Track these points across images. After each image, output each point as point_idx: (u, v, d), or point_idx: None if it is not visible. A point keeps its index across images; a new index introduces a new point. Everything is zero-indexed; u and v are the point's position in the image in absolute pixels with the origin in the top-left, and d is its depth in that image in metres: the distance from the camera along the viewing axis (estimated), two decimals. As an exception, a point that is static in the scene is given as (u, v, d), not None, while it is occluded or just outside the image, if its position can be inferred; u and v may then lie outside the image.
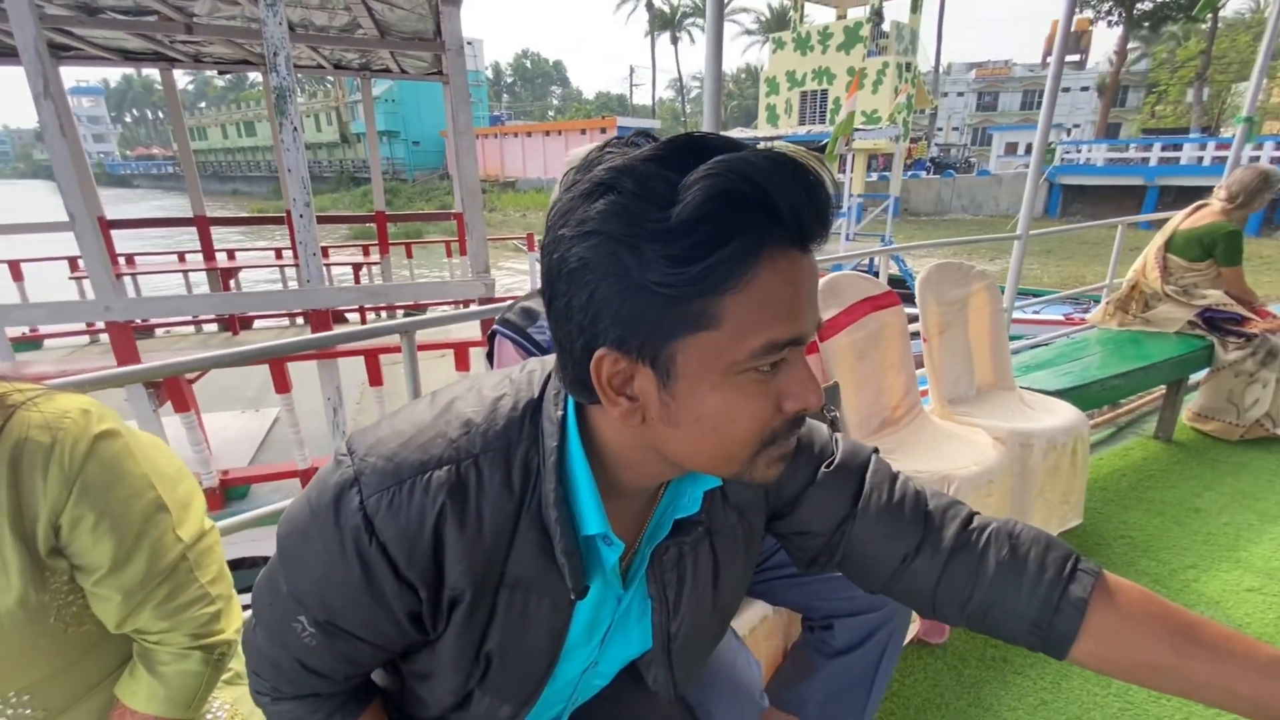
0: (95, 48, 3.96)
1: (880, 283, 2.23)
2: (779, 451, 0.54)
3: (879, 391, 2.15)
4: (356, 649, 0.61)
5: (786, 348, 0.49)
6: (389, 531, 0.54)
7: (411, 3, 2.84)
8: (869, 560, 0.72)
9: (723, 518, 0.70)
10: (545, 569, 0.59)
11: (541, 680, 0.66)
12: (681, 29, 46.29)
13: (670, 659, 0.73)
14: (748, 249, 0.45)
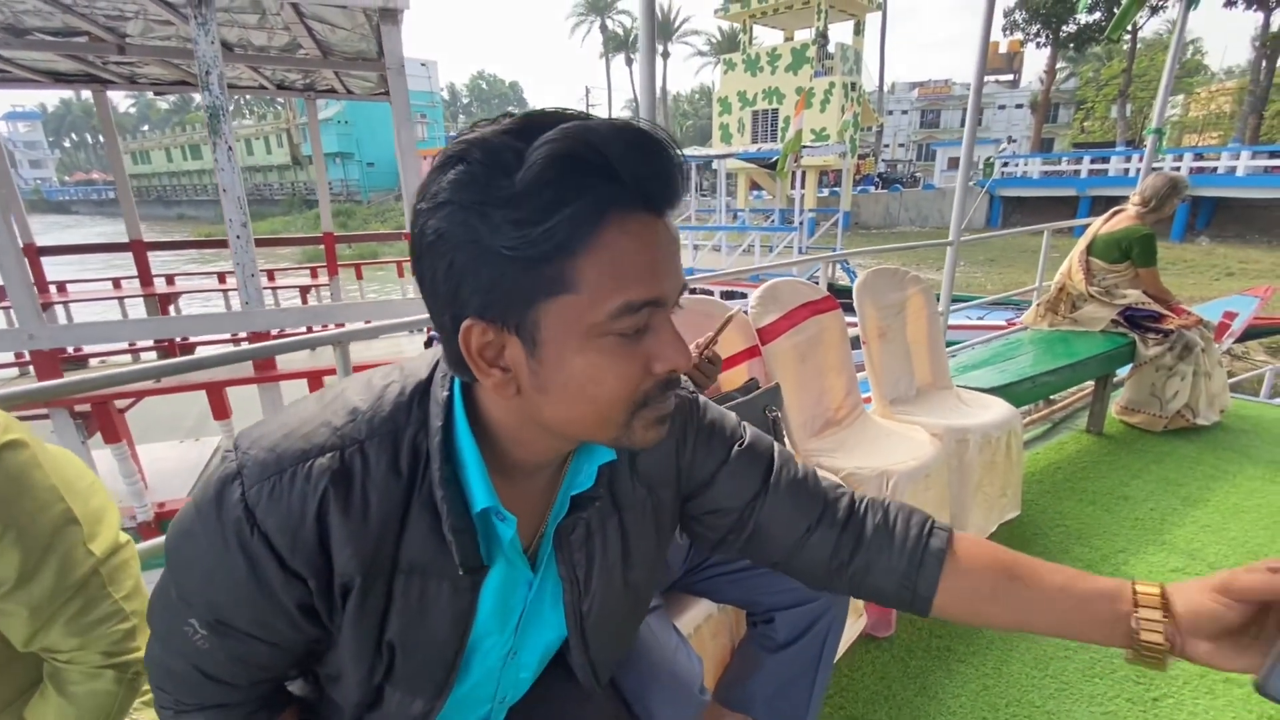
0: (24, 70, 3.81)
1: (819, 288, 2.30)
2: (655, 414, 0.56)
3: (821, 393, 2.21)
4: (251, 649, 0.59)
5: (645, 309, 0.51)
6: (270, 521, 0.53)
7: (352, 23, 2.84)
8: (774, 535, 0.76)
9: (630, 492, 0.72)
10: (440, 552, 0.59)
11: (450, 669, 0.65)
12: (635, 50, 47.25)
13: (585, 640, 0.73)
14: (590, 211, 0.47)
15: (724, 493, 0.76)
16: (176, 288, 5.35)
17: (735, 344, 2.00)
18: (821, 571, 0.76)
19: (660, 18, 44.84)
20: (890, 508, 0.77)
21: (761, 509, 0.76)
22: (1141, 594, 0.60)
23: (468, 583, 0.62)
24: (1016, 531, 2.41)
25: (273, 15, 2.61)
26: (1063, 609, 0.64)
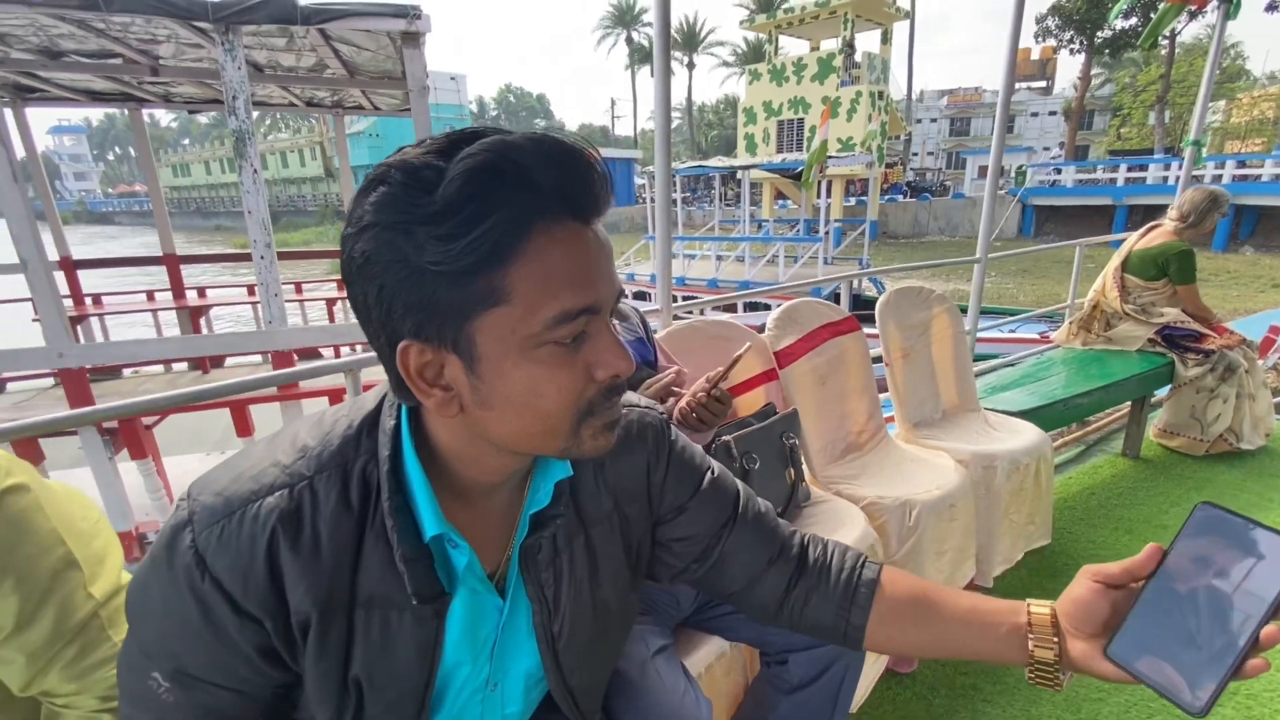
0: (62, 89, 3.96)
1: (839, 308, 2.25)
2: (602, 421, 0.56)
3: (842, 416, 2.16)
4: (216, 699, 0.58)
5: (581, 316, 0.51)
6: (220, 564, 0.53)
7: (377, 45, 2.89)
8: (736, 566, 0.77)
9: (597, 507, 0.71)
10: (399, 584, 0.57)
11: (421, 704, 0.63)
12: (660, 62, 47.51)
13: (559, 663, 0.71)
14: (512, 221, 0.47)
15: (696, 520, 0.77)
16: (208, 300, 5.48)
17: (751, 367, 1.96)
18: (774, 606, 0.78)
19: (685, 29, 45.05)
20: (828, 544, 0.80)
21: (728, 539, 0.77)
22: (1034, 614, 0.63)
23: (429, 612, 0.60)
24: (1046, 560, 2.32)
25: (300, 39, 2.67)
26: (973, 632, 0.67)
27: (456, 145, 0.47)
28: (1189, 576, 0.56)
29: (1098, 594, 0.59)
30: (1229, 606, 0.53)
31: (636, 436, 0.74)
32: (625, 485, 0.73)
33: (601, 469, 0.71)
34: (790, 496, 1.76)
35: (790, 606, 0.77)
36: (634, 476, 0.74)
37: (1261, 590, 0.53)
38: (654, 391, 1.17)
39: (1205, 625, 0.54)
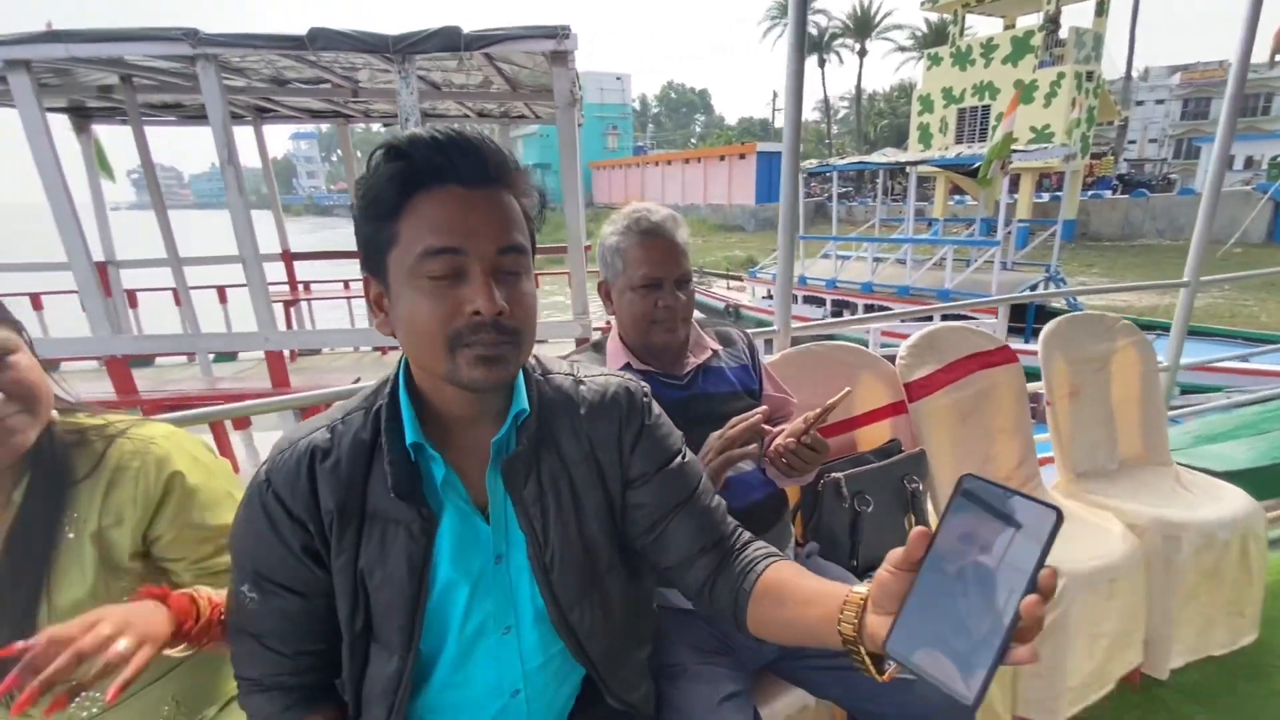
0: (289, 109, 4.72)
1: (992, 336, 2.00)
2: (474, 353, 0.68)
3: (986, 459, 1.92)
4: (286, 602, 0.75)
5: (445, 254, 0.66)
6: (278, 479, 0.73)
7: (533, 63, 3.08)
8: (675, 546, 0.86)
9: (575, 448, 0.83)
10: (399, 506, 0.73)
11: (412, 616, 0.75)
12: (829, 50, 45.24)
13: (554, 594, 0.81)
14: (399, 184, 0.66)
15: (652, 494, 0.86)
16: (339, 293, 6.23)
17: (878, 396, 1.81)
18: (696, 588, 0.85)
19: (858, 14, 42.53)
20: (758, 542, 0.88)
21: (674, 519, 0.86)
22: (852, 595, 0.64)
23: (420, 528, 0.74)
24: (1247, 657, 1.89)
25: (467, 61, 2.92)
26: (812, 611, 0.69)
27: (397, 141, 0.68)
28: (956, 556, 0.53)
29: (896, 578, 0.57)
30: (994, 584, 0.51)
31: (611, 398, 0.86)
32: (599, 436, 0.84)
33: (578, 418, 0.84)
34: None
35: (710, 590, 0.84)
36: (606, 431, 0.85)
37: (1021, 563, 0.50)
38: (736, 433, 1.11)
39: (974, 607, 0.51)
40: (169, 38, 2.42)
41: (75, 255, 2.66)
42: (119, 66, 3.33)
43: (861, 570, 1.53)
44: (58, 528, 0.84)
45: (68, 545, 0.84)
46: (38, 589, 0.82)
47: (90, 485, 0.86)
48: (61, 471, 0.85)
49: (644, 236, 1.23)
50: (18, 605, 0.81)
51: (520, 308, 0.70)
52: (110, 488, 0.86)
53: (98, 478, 0.86)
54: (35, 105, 2.47)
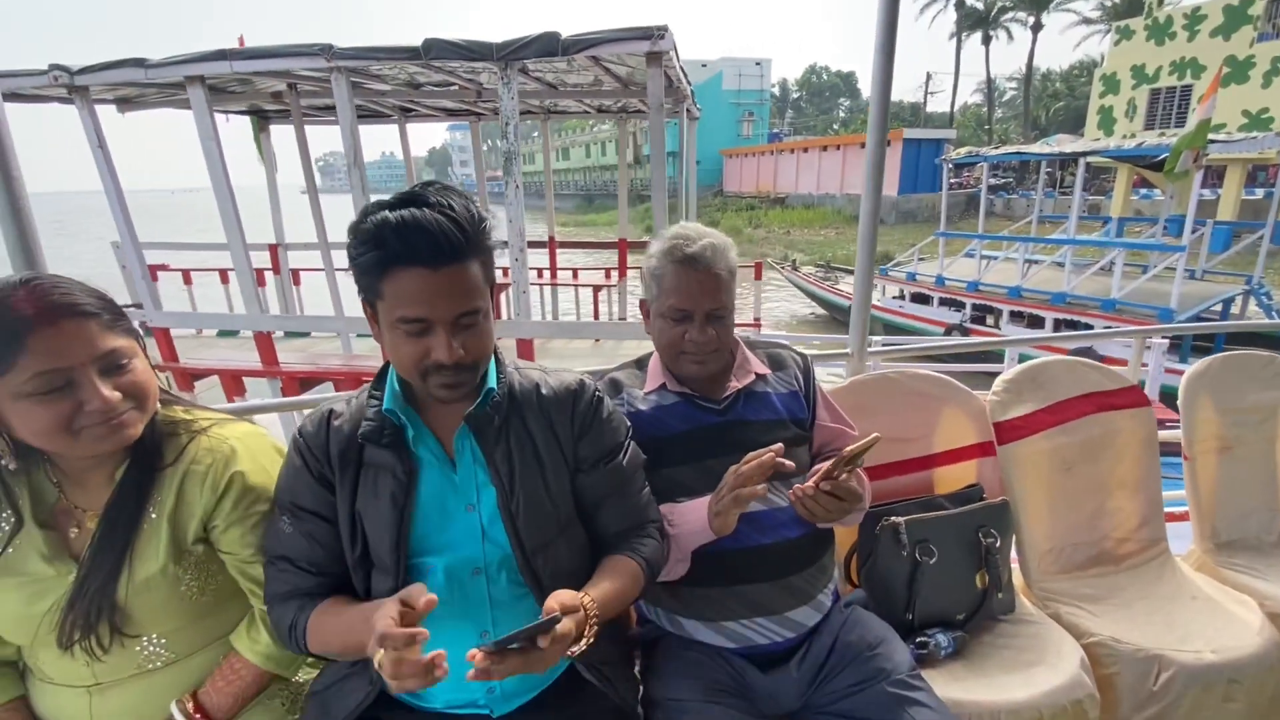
0: (427, 109, 5.12)
1: (1116, 374, 1.73)
2: (439, 383, 0.92)
3: (1095, 515, 1.67)
4: (314, 526, 0.97)
5: (415, 323, 0.88)
6: (306, 430, 1.00)
7: (637, 61, 3.08)
8: (601, 524, 1.09)
9: (537, 418, 1.03)
10: (385, 456, 0.95)
11: (396, 543, 0.94)
12: (997, 26, 40.91)
13: (520, 539, 0.97)
14: (375, 266, 0.87)
15: (589, 483, 1.07)
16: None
17: (962, 433, 1.63)
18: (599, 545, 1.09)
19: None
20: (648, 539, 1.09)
21: (606, 504, 1.08)
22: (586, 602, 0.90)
23: (403, 471, 0.95)
24: None
25: (574, 62, 2.98)
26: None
27: (381, 207, 0.88)
28: None
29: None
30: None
31: (568, 391, 1.07)
32: (557, 417, 1.04)
33: (542, 399, 1.04)
34: (980, 605, 1.44)
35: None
36: (562, 414, 1.05)
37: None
38: (747, 470, 1.04)
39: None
40: (310, 53, 2.73)
41: (233, 241, 3.09)
42: (286, 77, 3.78)
43: (918, 626, 1.40)
44: (144, 507, 0.96)
45: (150, 523, 0.97)
46: (122, 558, 0.94)
47: (172, 473, 0.98)
48: (154, 458, 0.98)
49: (679, 265, 1.19)
50: (104, 570, 0.93)
51: (476, 346, 0.93)
52: (186, 478, 0.98)
53: (178, 467, 0.98)
54: (207, 112, 2.89)
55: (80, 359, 0.85)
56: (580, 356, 4.94)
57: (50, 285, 0.86)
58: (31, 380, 0.82)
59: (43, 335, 0.82)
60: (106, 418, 0.87)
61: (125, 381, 0.90)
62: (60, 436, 0.86)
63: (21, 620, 0.93)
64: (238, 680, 1.03)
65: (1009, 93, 60.17)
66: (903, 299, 12.34)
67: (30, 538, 0.93)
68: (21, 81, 3.03)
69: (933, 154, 25.94)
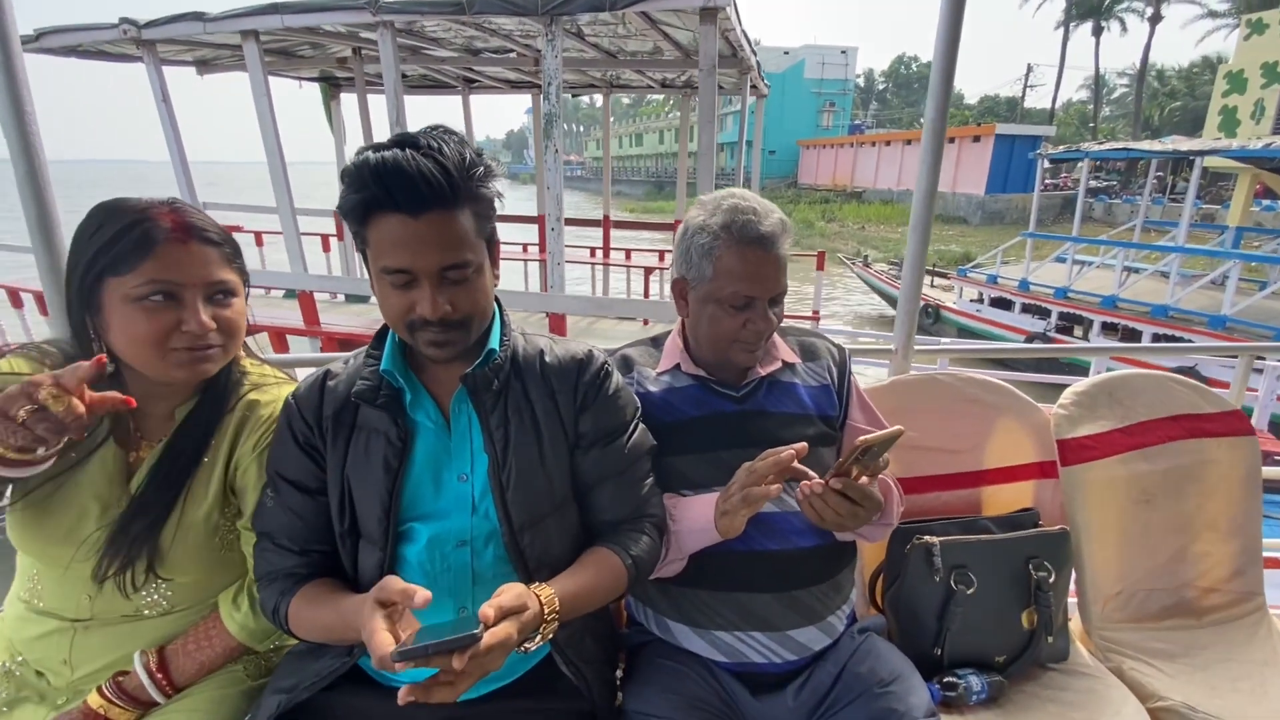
0: (490, 79, 5.07)
1: (1216, 395, 1.46)
2: (426, 338, 0.86)
3: (1176, 558, 1.42)
4: (295, 500, 0.92)
5: (398, 274, 0.83)
6: (299, 392, 0.96)
7: (694, 24, 2.88)
8: (597, 507, 1.01)
9: (538, 387, 0.97)
10: (380, 418, 0.91)
11: (387, 508, 0.89)
12: (1110, 16, 37.70)
13: (508, 513, 0.91)
14: (356, 209, 0.82)
15: (588, 462, 0.99)
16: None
17: (1019, 449, 1.42)
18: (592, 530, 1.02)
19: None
20: (643, 536, 0.99)
21: (598, 488, 1.00)
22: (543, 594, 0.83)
23: (396, 435, 0.90)
24: None
25: (629, 24, 2.82)
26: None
27: (370, 149, 0.82)
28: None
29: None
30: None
31: (574, 361, 1.00)
32: (560, 385, 0.98)
33: (545, 366, 0.98)
34: (1025, 648, 1.23)
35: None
36: (565, 384, 0.98)
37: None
38: (762, 468, 0.91)
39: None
40: (355, 6, 2.68)
41: (281, 202, 3.13)
42: (350, 40, 3.80)
43: (947, 663, 1.21)
44: (203, 449, 0.97)
45: (203, 466, 0.97)
46: (175, 498, 0.94)
47: (229, 420, 1.00)
48: (222, 402, 1.00)
49: (747, 247, 1.02)
50: (156, 508, 0.93)
51: (466, 302, 0.86)
52: (240, 426, 1.00)
53: (234, 414, 1.00)
54: (260, 70, 2.92)
55: (193, 279, 0.90)
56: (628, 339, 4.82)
57: (189, 209, 0.94)
58: (146, 285, 0.87)
59: (171, 247, 0.88)
60: (196, 341, 0.91)
61: (223, 315, 0.94)
62: (151, 350, 0.89)
63: (70, 535, 0.92)
64: (209, 647, 0.99)
65: (1119, 90, 55.65)
66: (981, 303, 11.58)
67: (102, 452, 0.94)
68: (90, 35, 3.15)
69: (1027, 152, 24.21)
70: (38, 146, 1.15)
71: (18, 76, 1.10)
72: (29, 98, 1.13)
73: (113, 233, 0.87)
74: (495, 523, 0.92)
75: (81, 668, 0.95)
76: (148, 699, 0.95)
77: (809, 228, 26.93)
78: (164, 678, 0.96)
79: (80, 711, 0.92)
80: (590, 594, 0.89)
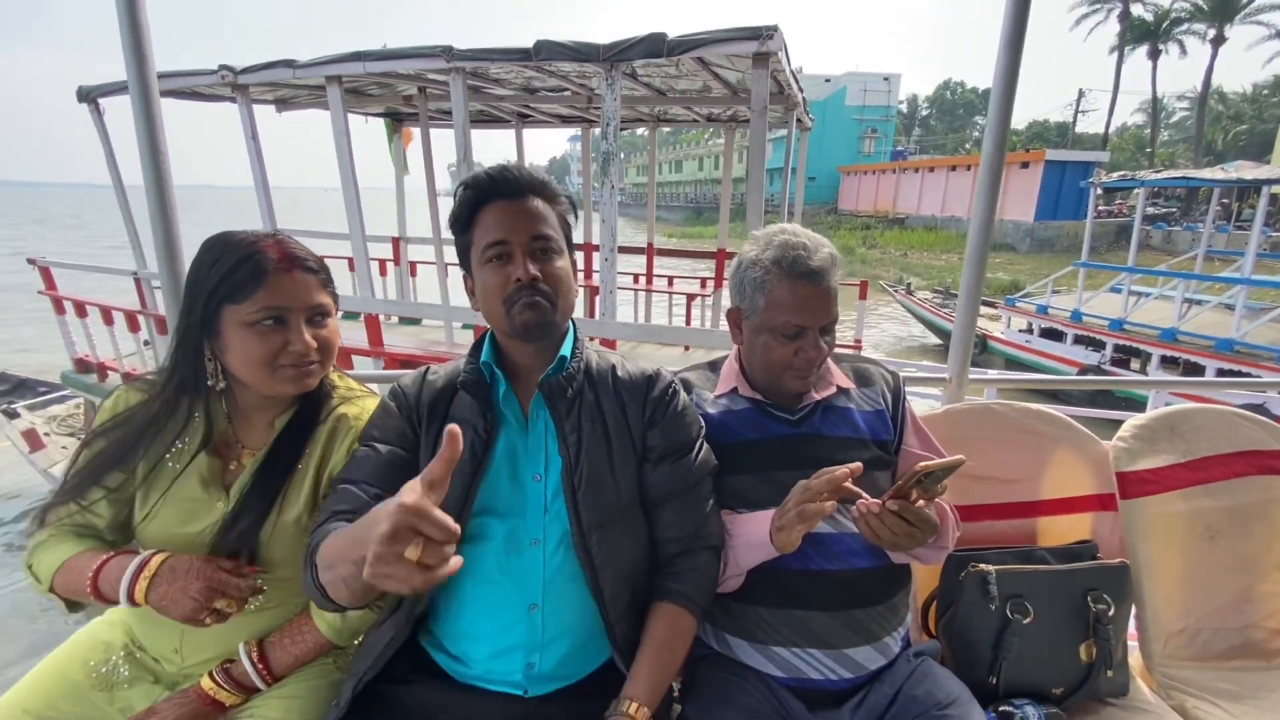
0: (542, 114, 5.32)
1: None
2: (519, 307, 0.98)
3: (1242, 598, 1.40)
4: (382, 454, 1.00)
5: (498, 245, 0.98)
6: (404, 381, 1.08)
7: (747, 66, 3.00)
8: (660, 525, 1.07)
9: (609, 397, 1.06)
10: (472, 411, 1.01)
11: (466, 494, 0.97)
12: (1169, 39, 36.68)
13: (579, 515, 0.98)
14: (468, 208, 1.01)
15: (655, 478, 1.06)
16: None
17: (1077, 481, 1.43)
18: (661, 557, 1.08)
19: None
20: (692, 573, 1.05)
21: (664, 505, 1.06)
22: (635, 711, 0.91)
23: (484, 428, 1.00)
24: None
25: (682, 66, 2.96)
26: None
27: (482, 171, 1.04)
28: None
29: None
30: None
31: (645, 377, 1.10)
32: (630, 399, 1.07)
33: (617, 380, 1.08)
34: (1084, 681, 1.24)
35: (661, 565, 1.07)
36: (635, 398, 1.07)
37: None
38: (818, 485, 0.95)
39: None
40: (431, 55, 2.90)
41: (354, 231, 3.35)
42: (416, 80, 4.05)
43: (1003, 693, 1.22)
44: (299, 457, 1.07)
45: (298, 473, 1.07)
46: (273, 501, 1.04)
47: (321, 429, 1.09)
48: (316, 413, 1.11)
49: (797, 280, 1.10)
50: (256, 510, 1.02)
51: (551, 276, 1.00)
52: (330, 436, 1.10)
53: (326, 425, 1.10)
54: (341, 109, 3.17)
55: (298, 304, 1.01)
56: (668, 363, 4.89)
57: (291, 241, 1.06)
58: (260, 311, 0.98)
59: (279, 276, 0.99)
60: (301, 359, 1.02)
61: (322, 334, 1.05)
62: (263, 369, 1.00)
63: (172, 539, 1.02)
64: (301, 642, 1.07)
65: (1178, 113, 53.83)
66: (1030, 333, 11.24)
67: (199, 460, 1.05)
68: (194, 80, 3.48)
69: (1079, 177, 23.62)
70: (169, 182, 1.28)
71: (155, 122, 1.24)
72: (164, 139, 1.27)
73: (230, 265, 0.98)
74: (565, 523, 0.99)
75: (191, 657, 1.06)
76: (251, 685, 1.04)
77: (849, 254, 26.65)
78: (264, 667, 1.05)
79: (194, 692, 1.02)
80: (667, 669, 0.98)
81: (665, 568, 1.06)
